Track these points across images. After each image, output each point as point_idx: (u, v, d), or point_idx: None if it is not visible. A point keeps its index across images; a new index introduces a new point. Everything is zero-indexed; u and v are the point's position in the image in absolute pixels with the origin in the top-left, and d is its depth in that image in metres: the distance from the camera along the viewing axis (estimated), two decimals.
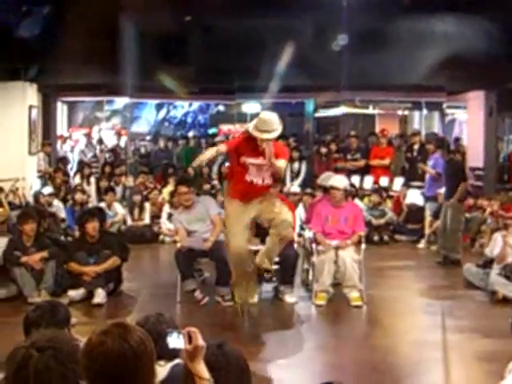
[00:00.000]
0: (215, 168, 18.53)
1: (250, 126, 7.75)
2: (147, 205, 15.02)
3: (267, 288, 9.90)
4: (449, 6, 12.71)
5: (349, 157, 16.80)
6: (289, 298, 9.57)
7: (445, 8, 12.76)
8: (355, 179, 16.07)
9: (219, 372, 3.08)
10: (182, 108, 29.78)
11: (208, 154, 7.74)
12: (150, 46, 14.02)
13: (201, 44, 14.30)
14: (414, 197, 14.93)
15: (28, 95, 15.31)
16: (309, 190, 12.80)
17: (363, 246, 9.88)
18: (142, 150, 23.24)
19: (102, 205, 14.27)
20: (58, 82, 16.87)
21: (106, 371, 2.74)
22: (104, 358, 2.75)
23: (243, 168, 7.86)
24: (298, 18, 13.42)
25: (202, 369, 2.98)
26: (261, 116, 7.84)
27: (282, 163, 7.79)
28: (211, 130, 28.44)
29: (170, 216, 13.18)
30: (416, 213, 14.63)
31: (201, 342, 3.00)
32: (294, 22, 13.59)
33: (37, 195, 14.08)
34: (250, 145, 7.77)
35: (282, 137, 20.18)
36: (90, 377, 2.79)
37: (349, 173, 15.77)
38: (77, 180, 16.80)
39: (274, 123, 7.69)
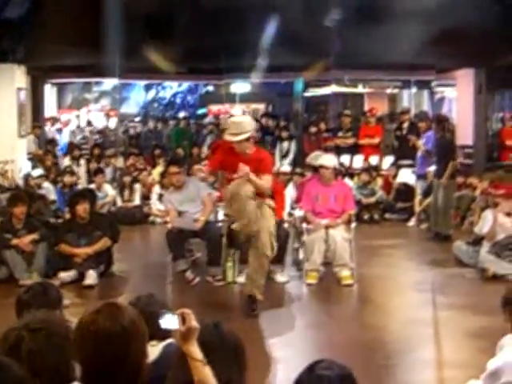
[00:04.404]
0: (205, 148, 18.53)
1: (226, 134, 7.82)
2: (137, 186, 15.00)
3: None
4: None
5: (340, 134, 16.77)
6: (280, 278, 9.59)
7: None
8: (345, 158, 16.09)
9: (214, 352, 3.08)
10: (171, 89, 29.73)
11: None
12: (137, 27, 13.95)
13: (188, 24, 14.24)
14: (406, 176, 14.96)
15: (16, 77, 15.22)
16: (298, 170, 12.79)
17: (353, 224, 9.91)
18: (132, 132, 23.18)
19: (92, 186, 14.27)
20: (46, 63, 16.79)
21: (97, 350, 2.75)
22: (95, 337, 2.76)
23: (230, 178, 7.86)
24: None
25: (195, 350, 2.98)
26: (232, 119, 8.01)
27: (264, 182, 7.77)
28: (200, 111, 28.42)
29: (160, 197, 13.19)
30: (406, 191, 14.67)
31: (194, 323, 3.00)
32: (283, 0, 13.55)
33: (26, 178, 14.05)
34: (232, 156, 7.77)
35: (272, 116, 20.41)
36: (82, 356, 2.80)
37: (338, 152, 15.79)
38: (66, 162, 16.76)
39: (245, 125, 7.70)
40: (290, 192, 11.53)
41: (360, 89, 22.37)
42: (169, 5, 14.06)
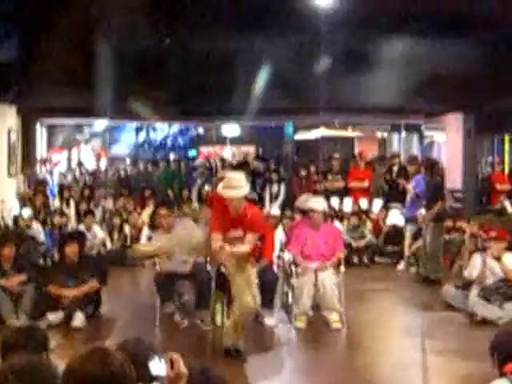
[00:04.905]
0: (195, 191, 18.53)
1: (220, 187, 7.84)
2: (127, 227, 14.97)
3: None
4: (426, 29, 12.83)
5: (329, 177, 16.80)
6: (268, 321, 9.54)
7: (422, 31, 12.87)
8: (334, 201, 16.10)
9: None
10: (162, 131, 29.81)
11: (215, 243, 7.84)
12: (128, 69, 14.03)
13: (179, 66, 14.33)
14: (395, 217, 14.98)
15: (7, 117, 15.27)
16: (288, 213, 12.80)
17: (342, 268, 9.88)
18: (122, 173, 23.18)
19: (81, 227, 14.22)
20: (37, 104, 16.83)
21: None
22: (84, 382, 2.73)
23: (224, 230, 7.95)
24: (277, 40, 13.50)
25: None
26: (227, 175, 8.05)
27: (248, 243, 7.90)
28: (191, 153, 28.50)
29: (149, 239, 13.14)
30: (395, 234, 14.67)
31: (183, 368, 2.99)
32: (273, 45, 13.67)
33: (16, 218, 14.01)
34: (225, 215, 7.83)
35: (262, 159, 20.44)
36: None
37: (328, 195, 15.80)
38: (56, 203, 16.74)
39: (240, 181, 7.77)
40: (279, 235, 11.52)
41: (350, 132, 22.51)
42: (160, 48, 14.15)
